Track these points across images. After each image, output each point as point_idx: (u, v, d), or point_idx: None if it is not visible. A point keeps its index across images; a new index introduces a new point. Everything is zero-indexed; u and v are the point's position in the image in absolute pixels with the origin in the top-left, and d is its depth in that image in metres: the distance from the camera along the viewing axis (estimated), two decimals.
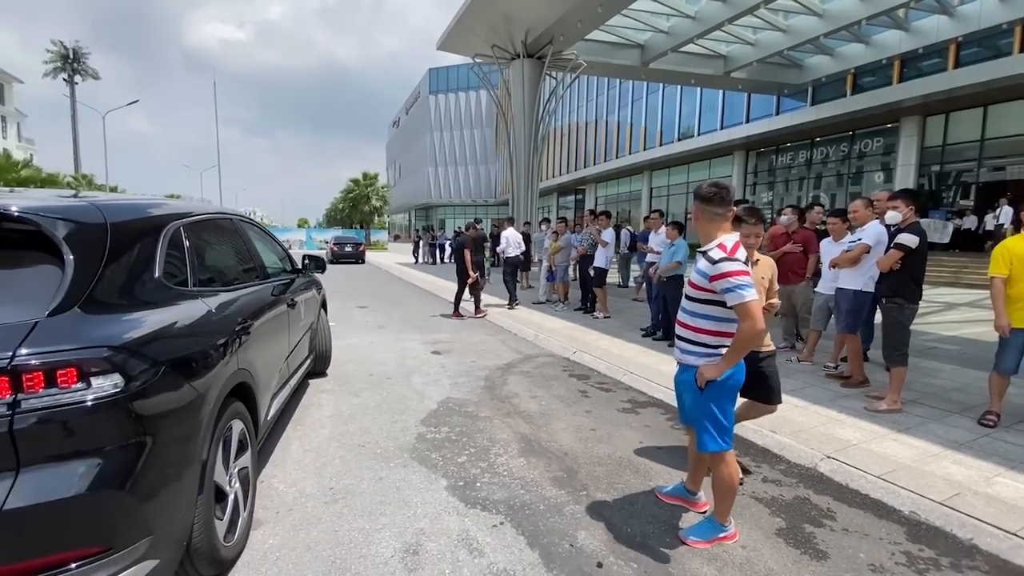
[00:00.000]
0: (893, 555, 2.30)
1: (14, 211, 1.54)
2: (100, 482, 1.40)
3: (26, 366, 1.31)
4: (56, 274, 1.52)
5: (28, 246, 1.56)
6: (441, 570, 2.14)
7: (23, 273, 1.53)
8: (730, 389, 2.22)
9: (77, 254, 1.56)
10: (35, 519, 1.30)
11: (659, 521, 2.54)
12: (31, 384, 1.31)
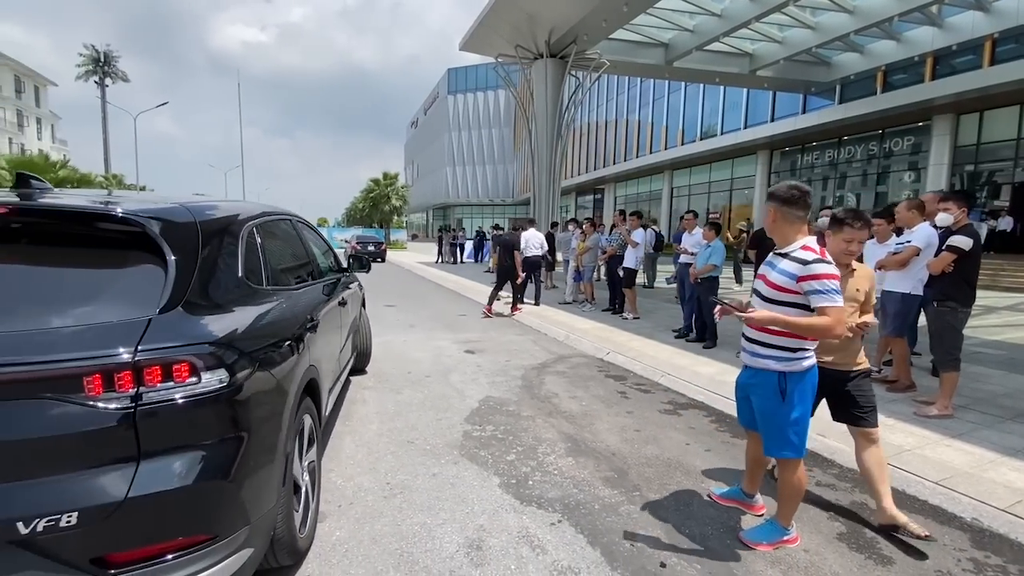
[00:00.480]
0: (959, 561, 2.27)
1: (119, 213, 1.62)
2: (208, 473, 1.46)
3: (147, 361, 1.38)
4: (157, 273, 1.59)
5: (128, 246, 1.63)
6: (507, 566, 2.17)
7: (126, 272, 1.60)
8: (807, 393, 2.21)
9: (178, 254, 1.63)
10: (153, 507, 1.37)
11: (716, 523, 2.54)
12: (151, 378, 1.38)
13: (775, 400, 2.22)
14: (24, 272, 1.55)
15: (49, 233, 1.62)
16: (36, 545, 1.26)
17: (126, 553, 1.35)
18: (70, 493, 1.30)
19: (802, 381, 2.21)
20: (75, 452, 1.34)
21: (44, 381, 1.30)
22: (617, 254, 8.15)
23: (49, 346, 1.34)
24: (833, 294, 2.06)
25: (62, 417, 1.31)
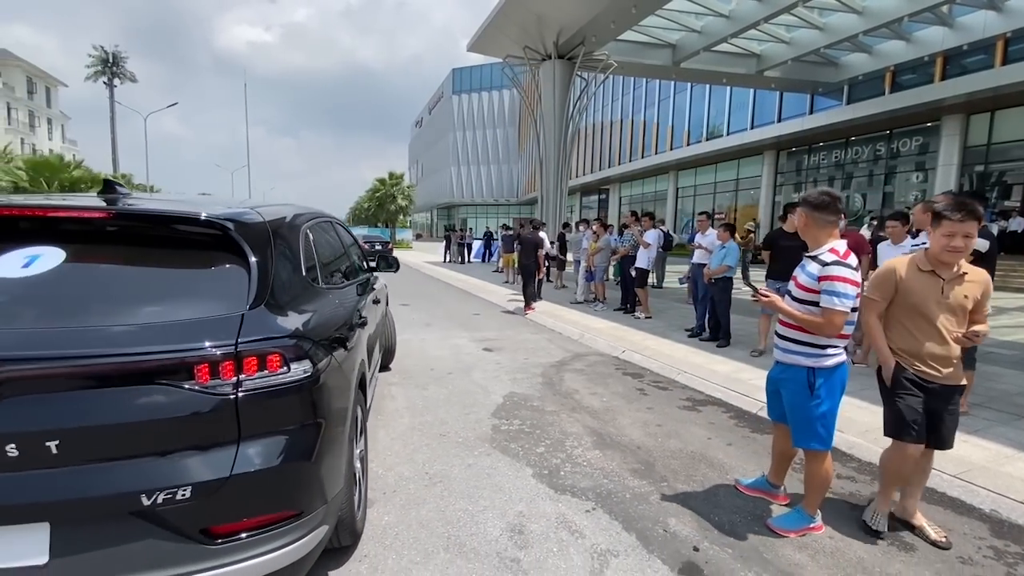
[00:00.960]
0: (980, 549, 2.38)
1: (204, 216, 1.75)
2: (296, 454, 1.60)
3: (246, 351, 1.51)
4: (240, 272, 1.72)
5: (211, 247, 1.76)
6: (549, 548, 2.30)
7: (213, 271, 1.73)
8: (837, 388, 2.32)
9: (257, 255, 1.76)
10: (251, 484, 1.50)
11: (743, 511, 2.66)
12: (249, 368, 1.51)
13: (804, 394, 2.34)
14: (122, 270, 1.69)
15: (142, 235, 1.75)
16: (155, 516, 1.39)
17: (228, 525, 1.48)
18: (185, 469, 1.44)
19: (831, 377, 2.32)
20: (187, 433, 1.48)
21: (161, 369, 1.44)
22: (630, 255, 8.26)
23: (164, 338, 1.47)
24: (836, 297, 2.18)
25: (176, 401, 1.45)
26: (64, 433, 1.36)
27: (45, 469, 1.35)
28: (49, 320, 1.47)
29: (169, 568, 1.41)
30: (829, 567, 2.22)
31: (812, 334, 2.32)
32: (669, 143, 29.44)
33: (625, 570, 2.17)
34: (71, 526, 1.37)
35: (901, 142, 19.01)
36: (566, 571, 2.15)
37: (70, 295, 1.56)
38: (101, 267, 1.66)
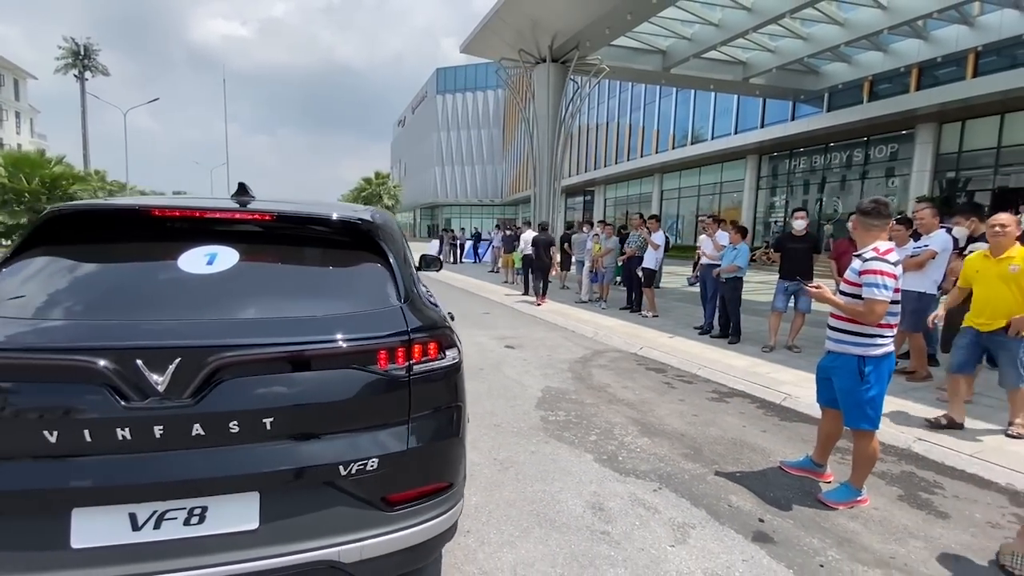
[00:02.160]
0: (1004, 515, 2.70)
1: (351, 218, 1.93)
2: (450, 431, 1.80)
3: (415, 340, 1.70)
4: (382, 268, 1.90)
5: (351, 246, 1.93)
6: (632, 522, 2.53)
7: (361, 268, 1.89)
8: (885, 374, 2.61)
9: (393, 252, 1.94)
10: (420, 457, 1.69)
11: (793, 488, 2.94)
12: (417, 354, 1.70)
13: (855, 380, 2.62)
14: (288, 267, 1.86)
15: (299, 235, 1.91)
16: (346, 485, 1.57)
17: (402, 494, 1.66)
18: (372, 444, 1.62)
19: (879, 364, 2.61)
20: (372, 411, 1.66)
21: (353, 355, 1.63)
22: (637, 255, 8.56)
23: (352, 328, 1.65)
24: (876, 288, 2.50)
25: (363, 383, 1.63)
26: (276, 411, 1.53)
27: (258, 444, 1.52)
28: (244, 311, 1.64)
29: (355, 532, 1.58)
30: (881, 533, 2.50)
31: (862, 325, 2.60)
32: (654, 146, 30.04)
33: (705, 539, 2.41)
34: (276, 495, 1.53)
35: (878, 148, 19.85)
36: (653, 541, 2.38)
37: (251, 288, 1.72)
38: (269, 264, 1.82)
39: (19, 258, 1.68)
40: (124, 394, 1.40)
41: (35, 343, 1.44)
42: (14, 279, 1.62)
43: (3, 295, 1.56)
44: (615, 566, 2.20)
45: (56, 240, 1.73)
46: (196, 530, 1.46)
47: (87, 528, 1.39)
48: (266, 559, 1.48)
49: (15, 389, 1.41)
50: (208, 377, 1.46)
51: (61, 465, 1.39)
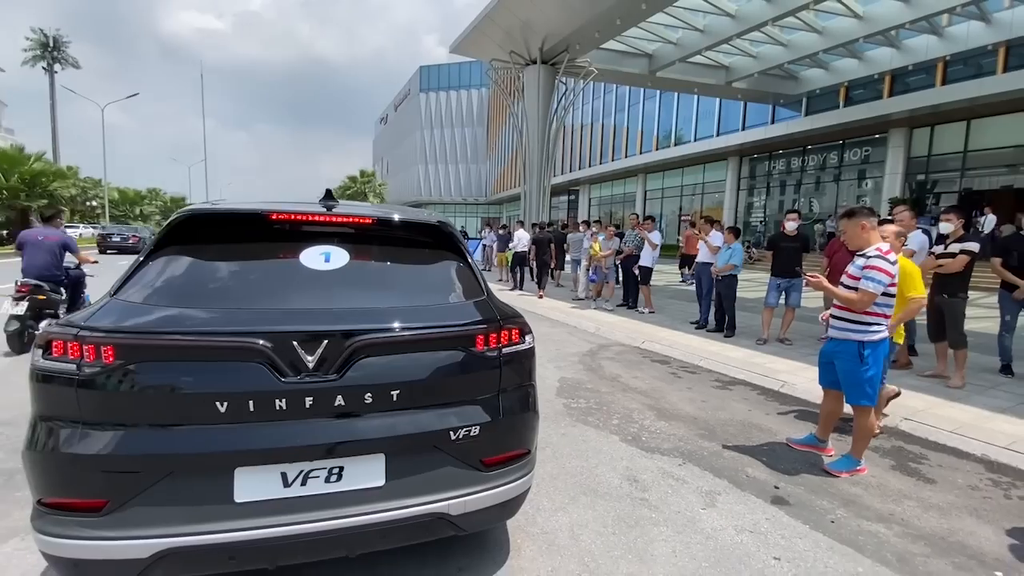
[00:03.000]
0: (981, 480, 3.10)
1: (434, 221, 2.21)
2: (527, 405, 2.09)
3: (505, 326, 2.00)
4: (461, 264, 2.18)
5: (434, 245, 2.20)
6: (664, 490, 2.86)
7: (445, 264, 2.17)
8: (881, 357, 2.99)
9: (465, 251, 2.23)
10: (507, 426, 1.99)
11: (801, 461, 3.30)
12: (504, 339, 2.00)
13: (855, 362, 2.99)
14: (389, 264, 2.12)
15: (393, 236, 2.18)
16: (453, 449, 1.85)
17: (494, 458, 1.94)
18: (474, 413, 1.90)
19: (876, 348, 2.98)
20: (474, 386, 1.95)
21: (459, 338, 1.91)
22: (634, 254, 8.93)
23: (459, 316, 1.94)
24: (871, 281, 2.88)
25: (466, 362, 1.92)
26: (400, 385, 1.80)
27: (385, 413, 1.79)
28: (361, 301, 1.90)
29: (460, 489, 1.86)
30: (879, 495, 2.88)
31: (861, 314, 2.98)
32: (639, 147, 30.60)
33: (731, 503, 2.75)
34: (398, 457, 1.80)
35: (852, 152, 20.68)
36: (686, 505, 2.71)
37: (363, 282, 2.00)
38: (374, 261, 2.09)
39: (160, 253, 1.91)
40: (282, 371, 1.67)
41: (209, 327, 1.69)
42: (163, 272, 1.86)
43: (159, 285, 1.81)
44: (657, 525, 2.52)
45: (189, 239, 1.96)
46: (334, 487, 1.73)
47: (247, 485, 1.65)
48: (390, 512, 1.75)
49: (194, 367, 1.66)
50: (348, 356, 1.73)
51: (229, 431, 1.65)
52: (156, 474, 1.59)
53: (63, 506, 1.59)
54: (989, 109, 15.50)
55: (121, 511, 1.57)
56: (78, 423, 1.60)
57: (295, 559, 1.74)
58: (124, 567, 1.58)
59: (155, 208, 43.15)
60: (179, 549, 1.58)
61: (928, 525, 2.60)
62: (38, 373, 1.63)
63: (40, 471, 1.62)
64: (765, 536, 2.45)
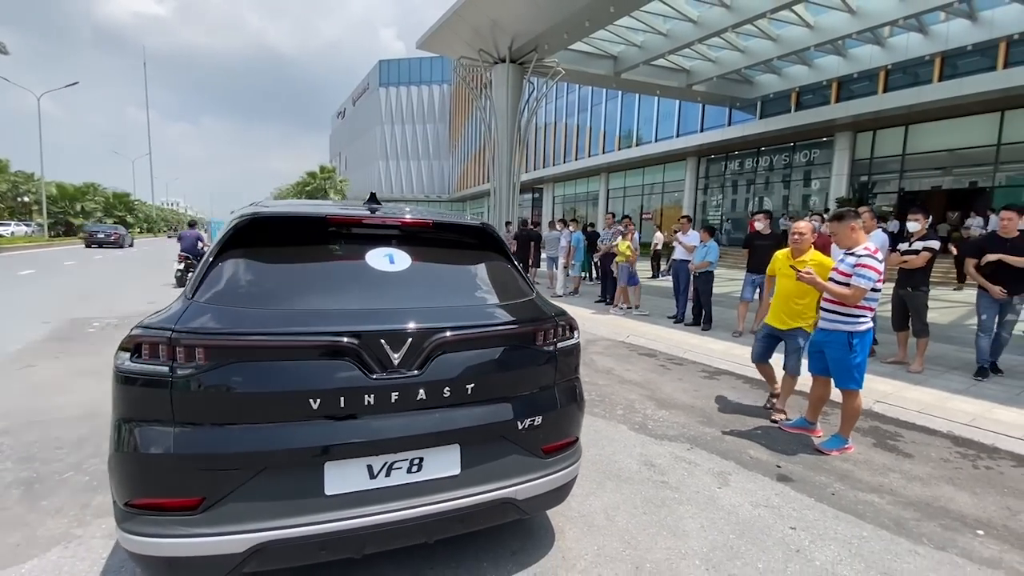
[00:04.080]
0: (952, 453, 3.48)
1: (480, 224, 2.32)
2: (576, 397, 2.24)
3: (559, 323, 2.15)
4: (507, 265, 2.31)
5: (480, 247, 2.32)
6: (681, 473, 3.07)
7: (493, 265, 2.28)
8: (866, 345, 3.30)
9: (509, 253, 2.36)
10: (562, 416, 2.13)
11: (794, 442, 3.59)
12: (557, 335, 2.14)
13: (845, 350, 3.30)
14: (445, 265, 2.21)
15: (445, 239, 2.27)
16: (519, 438, 1.98)
17: (552, 445, 2.08)
18: (536, 404, 2.04)
19: (863, 338, 3.29)
20: (535, 379, 2.08)
21: (522, 335, 2.04)
22: (612, 252, 9.21)
23: (520, 314, 2.08)
24: (863, 278, 3.18)
25: (527, 357, 2.06)
26: (474, 379, 1.91)
27: (460, 406, 1.90)
28: (427, 300, 1.98)
29: (524, 476, 1.99)
30: (868, 469, 3.19)
31: (850, 307, 3.28)
32: (601, 147, 31.22)
33: (742, 482, 2.99)
34: (471, 447, 1.91)
35: (803, 153, 21.87)
36: (703, 485, 2.93)
37: (426, 281, 2.08)
38: (433, 262, 2.17)
39: (227, 255, 1.92)
40: (370, 367, 1.75)
41: (299, 327, 1.74)
42: (236, 273, 1.89)
43: (234, 287, 1.85)
44: (682, 504, 2.72)
45: (253, 240, 1.98)
46: (415, 476, 1.83)
47: (337, 478, 1.73)
48: (465, 499, 1.87)
49: (287, 366, 1.71)
50: (429, 353, 1.83)
51: (320, 426, 1.72)
52: (250, 471, 1.64)
53: (156, 506, 1.62)
54: (925, 115, 16.77)
55: (216, 508, 1.62)
56: (171, 424, 1.63)
57: (380, 547, 1.83)
58: (220, 563, 1.63)
59: (97, 204, 40.49)
60: (273, 542, 1.63)
61: (913, 493, 2.92)
62: (127, 376, 1.64)
63: (129, 473, 1.64)
64: (778, 509, 2.69)
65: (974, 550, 2.39)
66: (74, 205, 36.51)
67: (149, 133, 41.08)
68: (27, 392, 4.28)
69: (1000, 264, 4.69)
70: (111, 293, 10.48)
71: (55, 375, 4.76)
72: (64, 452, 3.15)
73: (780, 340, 4.07)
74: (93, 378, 4.67)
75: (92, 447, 3.22)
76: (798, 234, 3.98)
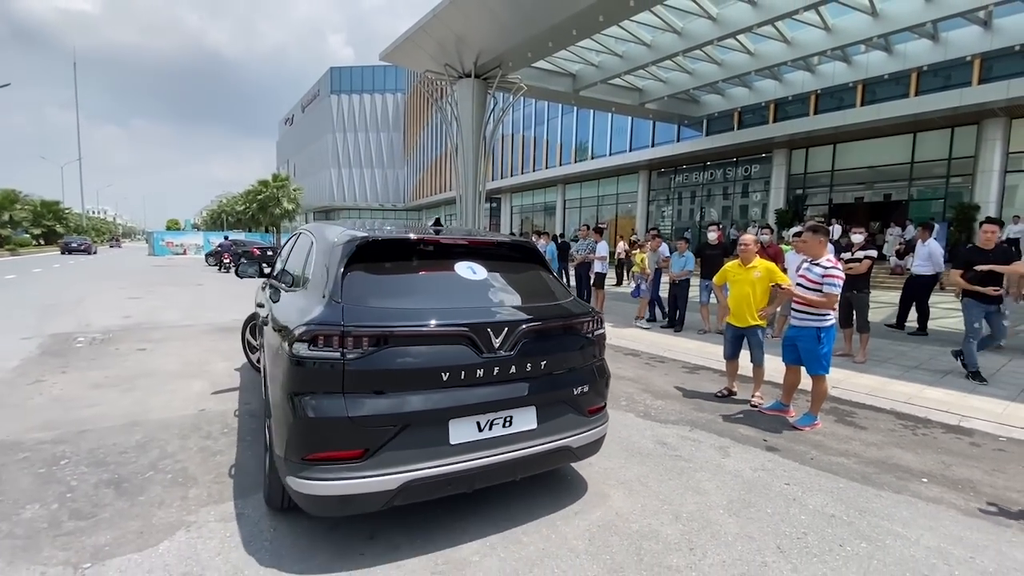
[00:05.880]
0: (896, 425, 4.26)
1: (527, 242, 2.93)
2: (606, 371, 2.89)
3: (596, 317, 2.82)
4: (548, 274, 2.96)
5: (525, 259, 2.96)
6: (689, 448, 3.65)
7: (535, 273, 2.93)
8: (832, 338, 4.02)
9: (547, 263, 3.01)
10: (596, 386, 2.75)
11: (774, 421, 4.27)
12: (596, 325, 2.81)
13: (814, 342, 4.01)
14: (508, 274, 2.83)
15: (502, 254, 2.92)
16: (572, 402, 2.62)
17: (593, 408, 2.74)
18: (584, 377, 2.69)
19: (828, 332, 4.02)
20: (583, 357, 2.73)
21: (576, 326, 2.71)
22: (587, 260, 9.87)
23: (573, 310, 2.75)
24: (834, 287, 3.91)
25: (578, 342, 2.72)
26: (546, 358, 2.54)
27: (537, 378, 2.51)
28: (505, 301, 2.63)
29: (576, 430, 2.64)
30: (835, 440, 3.90)
31: (817, 307, 3.99)
32: (558, 159, 32.27)
33: (739, 453, 3.61)
34: (543, 408, 2.53)
35: (744, 168, 23.65)
36: (710, 457, 3.52)
37: (500, 287, 2.71)
38: (500, 272, 2.78)
39: (352, 268, 2.42)
40: (480, 349, 2.34)
41: (430, 320, 2.30)
42: (363, 281, 2.42)
43: (366, 291, 2.38)
44: (696, 471, 3.29)
45: (367, 256, 2.49)
46: (507, 430, 2.42)
47: (457, 431, 2.31)
48: (539, 446, 2.48)
49: (424, 349, 2.26)
50: (517, 339, 2.42)
51: (447, 393, 2.27)
52: (398, 427, 2.17)
53: (330, 458, 2.12)
54: (850, 135, 18.69)
55: (375, 456, 2.14)
56: (341, 395, 2.13)
57: (484, 484, 2.44)
58: (377, 498, 2.15)
59: (26, 214, 37.47)
60: (416, 481, 2.19)
61: (871, 455, 3.63)
62: (304, 360, 2.14)
63: (307, 434, 2.13)
64: (773, 472, 3.32)
65: (922, 492, 3.09)
66: (1, 215, 33.68)
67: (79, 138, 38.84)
68: (52, 405, 4.35)
69: (988, 272, 5.16)
70: (74, 307, 10.09)
71: (71, 389, 4.80)
72: (131, 456, 3.36)
73: (744, 337, 4.76)
74: (112, 390, 4.77)
75: (157, 450, 3.44)
76: (744, 245, 4.70)
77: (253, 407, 4.31)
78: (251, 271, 4.62)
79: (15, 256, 30.96)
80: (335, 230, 2.74)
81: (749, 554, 2.42)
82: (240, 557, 2.31)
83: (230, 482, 3.02)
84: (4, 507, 2.71)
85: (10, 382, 4.98)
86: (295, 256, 3.49)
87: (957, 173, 17.04)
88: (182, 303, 11.07)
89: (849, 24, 14.45)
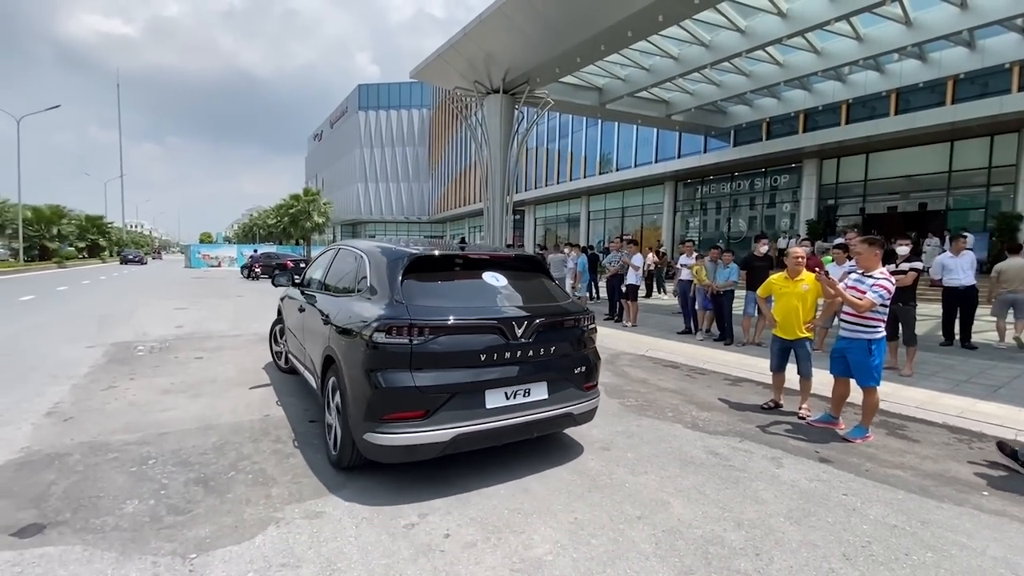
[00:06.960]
0: (950, 439, 4.24)
1: (534, 255, 3.38)
2: (596, 358, 3.51)
3: (587, 313, 3.38)
4: (551, 281, 3.59)
5: (533, 269, 3.64)
6: (742, 458, 3.71)
7: (542, 281, 3.58)
8: (882, 350, 4.04)
9: (548, 271, 3.64)
10: (589, 368, 3.40)
11: (824, 434, 4.29)
12: (585, 323, 3.43)
13: (865, 355, 4.03)
14: (520, 282, 3.48)
15: (515, 266, 3.54)
16: (573, 378, 3.26)
17: (587, 384, 3.49)
18: (582, 359, 3.35)
19: (879, 344, 4.04)
20: (579, 345, 3.38)
21: (576, 321, 3.39)
22: (619, 273, 9.95)
23: (572, 309, 3.40)
24: (877, 294, 3.94)
25: (577, 333, 3.43)
26: (555, 344, 3.25)
27: (548, 360, 3.15)
28: (524, 302, 3.30)
29: (576, 400, 3.37)
30: (888, 452, 3.90)
31: (868, 318, 4.02)
32: (583, 171, 32.45)
33: (793, 464, 3.65)
34: (552, 383, 3.29)
35: (773, 178, 23.41)
36: (763, 468, 3.58)
37: (518, 291, 3.36)
38: (516, 280, 3.45)
39: (406, 277, 3.20)
40: (507, 336, 3.07)
41: (471, 316, 3.12)
42: (416, 286, 3.17)
43: (420, 294, 3.14)
44: (752, 481, 3.35)
45: (417, 268, 3.28)
46: (525, 399, 3.22)
47: (491, 399, 3.11)
48: (549, 412, 3.26)
49: (468, 336, 3.09)
50: (534, 330, 3.11)
51: (483, 370, 3.09)
52: (449, 395, 2.97)
53: (400, 418, 2.90)
54: (883, 145, 18.40)
55: (433, 416, 2.93)
56: (409, 371, 2.95)
57: (508, 440, 3.22)
58: (436, 447, 2.93)
59: (72, 228, 39.38)
60: (463, 435, 2.95)
61: (928, 468, 3.63)
62: (380, 345, 2.93)
63: (384, 399, 2.89)
64: (829, 482, 3.36)
65: (983, 504, 3.09)
66: (50, 228, 35.48)
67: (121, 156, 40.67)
68: (128, 409, 4.63)
69: None
70: (128, 317, 10.58)
71: (143, 394, 5.10)
72: (211, 457, 3.58)
73: (791, 349, 4.79)
74: (182, 396, 5.05)
75: (234, 452, 3.66)
76: (797, 258, 4.75)
77: (312, 413, 4.52)
78: (283, 280, 5.29)
79: (62, 268, 32.46)
80: (387, 248, 3.55)
81: (815, 560, 2.48)
82: (331, 550, 2.48)
83: (306, 482, 3.20)
84: (106, 502, 2.94)
85: (85, 387, 5.31)
86: (338, 268, 4.24)
87: (998, 182, 16.60)
88: (226, 314, 11.51)
89: (881, 33, 14.33)
